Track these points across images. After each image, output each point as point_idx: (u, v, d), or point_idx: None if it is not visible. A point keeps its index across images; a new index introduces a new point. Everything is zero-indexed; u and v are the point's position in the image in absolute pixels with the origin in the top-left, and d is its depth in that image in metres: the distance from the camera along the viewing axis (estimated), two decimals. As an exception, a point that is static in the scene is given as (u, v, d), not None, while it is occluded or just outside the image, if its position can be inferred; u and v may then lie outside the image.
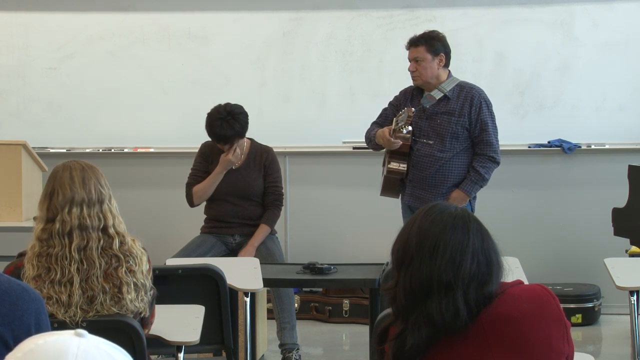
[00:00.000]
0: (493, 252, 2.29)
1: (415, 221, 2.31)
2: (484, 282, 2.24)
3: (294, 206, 6.83)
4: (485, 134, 5.28)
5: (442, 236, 2.26)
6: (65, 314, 3.12)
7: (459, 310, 2.21)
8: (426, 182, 5.33)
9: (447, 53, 5.33)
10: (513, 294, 2.27)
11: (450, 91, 5.31)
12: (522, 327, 2.23)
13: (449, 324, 2.21)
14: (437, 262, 2.24)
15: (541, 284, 2.33)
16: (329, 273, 5.03)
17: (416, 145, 5.33)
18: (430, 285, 2.23)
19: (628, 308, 4.34)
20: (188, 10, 6.82)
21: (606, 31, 6.60)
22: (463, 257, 2.25)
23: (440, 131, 5.29)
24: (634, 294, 4.21)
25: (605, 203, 6.25)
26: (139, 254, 3.21)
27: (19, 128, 6.82)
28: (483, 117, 5.28)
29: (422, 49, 5.29)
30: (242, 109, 5.62)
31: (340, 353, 6.15)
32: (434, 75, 5.30)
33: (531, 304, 2.25)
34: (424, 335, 2.22)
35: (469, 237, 2.27)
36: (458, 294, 2.22)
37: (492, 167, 5.32)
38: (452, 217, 2.29)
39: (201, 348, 4.40)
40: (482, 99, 5.31)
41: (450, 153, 5.30)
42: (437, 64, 5.29)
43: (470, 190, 5.30)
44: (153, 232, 6.44)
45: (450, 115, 5.28)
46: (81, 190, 3.15)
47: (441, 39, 5.34)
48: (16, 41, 6.91)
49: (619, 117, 6.63)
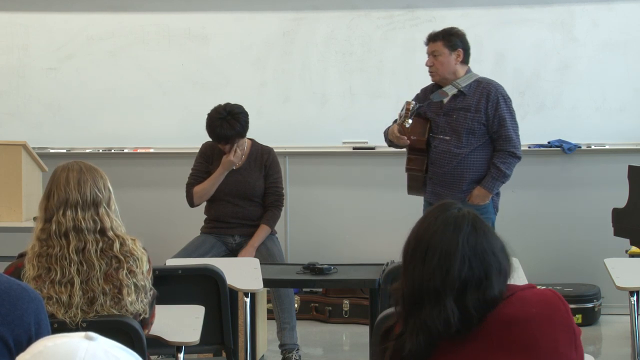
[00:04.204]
0: (491, 255, 2.23)
1: (418, 223, 2.30)
2: (481, 286, 2.20)
3: (294, 206, 6.82)
4: (504, 130, 5.27)
5: (432, 241, 2.23)
6: (66, 314, 3.12)
7: (449, 318, 2.17)
8: (445, 179, 5.32)
9: (465, 49, 5.32)
10: (522, 297, 2.24)
11: (466, 87, 5.30)
12: (528, 330, 2.20)
13: (443, 332, 2.18)
14: (426, 269, 2.21)
15: (553, 289, 2.30)
16: (329, 273, 5.03)
17: (434, 141, 5.33)
18: (421, 292, 2.21)
19: (628, 308, 4.33)
20: (188, 10, 6.82)
21: (606, 31, 6.60)
22: (451, 262, 2.20)
23: (456, 127, 5.28)
24: (634, 294, 4.21)
25: (605, 203, 6.26)
26: (140, 255, 3.21)
27: (19, 128, 6.82)
28: (501, 112, 5.26)
29: (440, 43, 5.30)
30: (242, 109, 5.62)
31: (340, 353, 6.15)
32: (451, 71, 5.30)
33: (540, 308, 2.21)
34: (422, 342, 2.19)
35: (458, 241, 2.21)
36: (448, 301, 2.18)
37: (513, 162, 5.30)
38: (445, 221, 2.25)
39: (201, 348, 4.40)
40: (499, 94, 5.29)
41: (467, 149, 5.28)
42: (454, 60, 5.29)
43: (492, 187, 5.28)
44: (153, 233, 6.44)
45: (466, 111, 5.27)
46: (75, 193, 3.14)
47: (460, 35, 5.34)
48: (16, 41, 6.91)
49: (619, 117, 6.63)
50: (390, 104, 6.66)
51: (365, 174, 6.78)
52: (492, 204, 5.35)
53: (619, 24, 6.59)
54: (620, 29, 6.59)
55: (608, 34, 6.60)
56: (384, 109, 6.65)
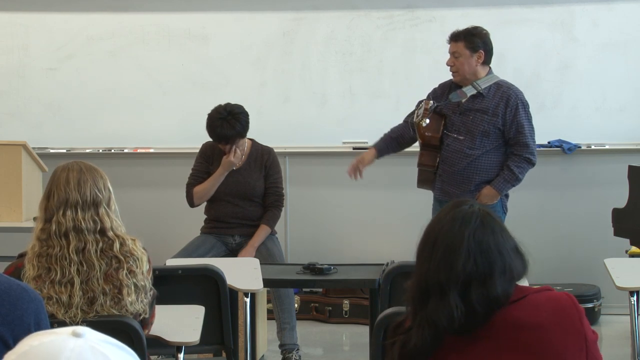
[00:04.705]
0: (496, 253, 2.23)
1: (431, 220, 2.31)
2: (485, 283, 2.19)
3: (294, 206, 6.82)
4: (522, 136, 5.24)
5: (439, 235, 2.24)
6: (66, 314, 3.12)
7: (452, 312, 2.17)
8: (455, 177, 5.31)
9: (487, 50, 5.28)
10: (535, 300, 2.23)
11: (485, 89, 5.27)
12: (535, 335, 2.18)
13: (447, 326, 2.18)
14: (433, 263, 2.22)
15: (569, 294, 2.27)
16: (329, 273, 5.03)
17: (447, 139, 5.32)
18: (427, 286, 2.22)
19: (628, 308, 4.33)
20: (188, 10, 6.82)
21: (606, 31, 6.60)
22: (456, 256, 2.20)
23: (471, 128, 5.26)
24: (634, 294, 4.21)
25: (605, 203, 6.26)
26: (140, 255, 3.21)
27: (19, 128, 6.82)
28: (519, 118, 5.23)
29: (461, 44, 5.25)
30: (242, 109, 5.62)
31: (340, 353, 6.15)
32: (471, 72, 5.27)
33: (550, 313, 2.20)
34: (427, 337, 2.19)
35: (464, 235, 2.22)
36: (452, 295, 2.18)
37: (527, 167, 5.29)
38: (454, 216, 2.25)
39: (201, 348, 4.40)
40: (518, 100, 5.26)
41: (480, 151, 5.27)
42: (475, 61, 5.25)
43: (502, 188, 5.27)
44: (153, 233, 6.44)
45: (483, 114, 5.25)
46: (75, 193, 3.14)
47: (482, 36, 5.29)
48: (16, 41, 6.91)
49: (619, 118, 6.63)
50: (390, 104, 6.67)
51: (365, 174, 6.75)
52: (501, 203, 5.34)
53: (619, 24, 6.59)
54: (620, 29, 6.59)
55: (608, 34, 6.60)
56: (384, 109, 6.67)
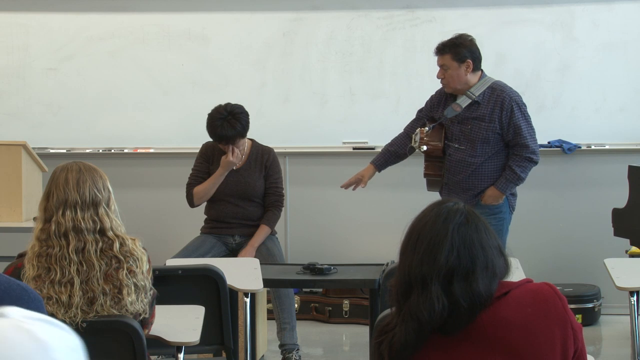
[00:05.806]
0: (479, 249, 2.24)
1: (414, 217, 2.32)
2: (467, 277, 2.20)
3: (294, 206, 6.82)
4: (520, 138, 5.22)
5: (422, 231, 2.26)
6: (66, 314, 3.12)
7: (434, 304, 2.18)
8: (460, 185, 5.33)
9: (474, 58, 5.24)
10: (517, 297, 2.24)
11: (479, 95, 5.25)
12: (524, 333, 2.20)
13: (429, 319, 2.19)
14: (416, 257, 2.23)
15: (548, 283, 2.29)
16: (329, 273, 5.03)
17: (448, 149, 5.33)
18: (410, 280, 2.23)
19: (628, 308, 4.34)
20: (188, 10, 6.82)
21: (606, 31, 6.59)
22: (439, 249, 2.22)
23: (471, 136, 5.26)
24: (634, 294, 4.21)
25: (605, 203, 6.26)
26: (140, 255, 3.21)
27: (19, 128, 6.82)
28: (515, 120, 5.21)
29: (448, 56, 5.23)
30: (242, 109, 5.62)
31: (340, 354, 6.15)
32: (461, 82, 5.24)
33: (535, 307, 2.22)
34: (411, 331, 2.20)
35: (447, 230, 2.23)
36: (434, 287, 2.19)
37: (530, 166, 5.28)
38: (438, 213, 2.27)
39: (201, 348, 4.40)
40: (513, 102, 5.24)
41: (482, 158, 5.27)
42: (464, 71, 5.23)
43: (505, 188, 5.27)
44: (153, 233, 6.45)
45: (480, 121, 5.24)
46: (74, 193, 3.15)
47: (467, 45, 5.25)
48: (16, 41, 6.91)
49: (619, 118, 6.62)
50: (390, 104, 6.68)
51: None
52: (507, 203, 5.35)
53: (619, 24, 6.59)
54: (620, 29, 6.59)
55: (608, 34, 6.60)
56: (384, 109, 6.67)
